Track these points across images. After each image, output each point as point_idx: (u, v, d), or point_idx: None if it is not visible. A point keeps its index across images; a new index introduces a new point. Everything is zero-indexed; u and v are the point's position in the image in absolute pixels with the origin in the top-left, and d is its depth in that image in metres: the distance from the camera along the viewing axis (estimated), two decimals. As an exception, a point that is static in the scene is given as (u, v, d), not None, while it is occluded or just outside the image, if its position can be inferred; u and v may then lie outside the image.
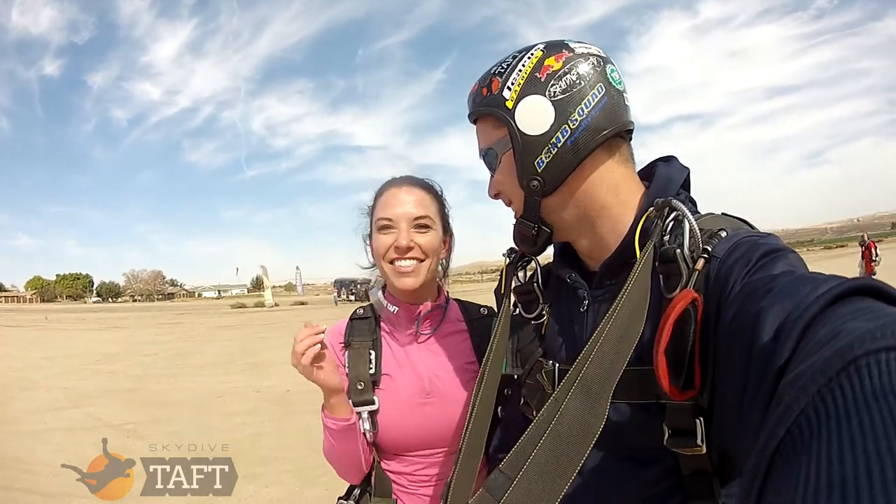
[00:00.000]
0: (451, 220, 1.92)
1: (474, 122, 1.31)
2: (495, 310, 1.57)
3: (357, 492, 1.82)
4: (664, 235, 1.08)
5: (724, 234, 1.02)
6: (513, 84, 1.16)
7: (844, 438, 0.40)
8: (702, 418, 0.95)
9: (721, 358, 0.88)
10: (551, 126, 1.13)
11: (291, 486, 5.83)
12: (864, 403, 0.41)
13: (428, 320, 1.83)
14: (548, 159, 1.14)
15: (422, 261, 1.73)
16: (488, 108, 1.20)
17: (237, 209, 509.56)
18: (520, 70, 1.16)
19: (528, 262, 1.48)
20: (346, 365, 1.76)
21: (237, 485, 5.83)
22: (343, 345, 1.80)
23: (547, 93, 1.13)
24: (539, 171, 1.16)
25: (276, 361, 14.71)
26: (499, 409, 1.52)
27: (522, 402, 1.37)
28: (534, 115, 1.14)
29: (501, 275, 1.51)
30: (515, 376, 1.41)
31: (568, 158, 1.14)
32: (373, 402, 1.71)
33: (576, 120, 1.12)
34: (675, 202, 1.07)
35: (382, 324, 1.87)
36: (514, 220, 1.30)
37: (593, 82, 1.14)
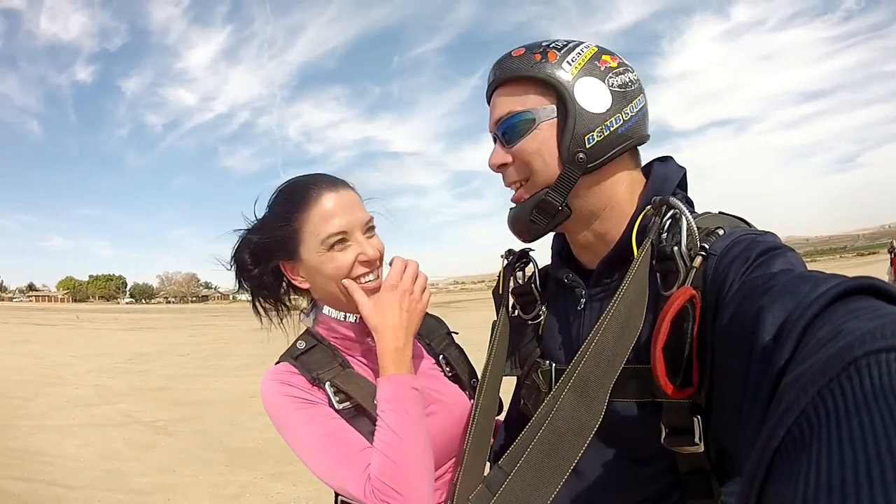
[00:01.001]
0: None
1: (502, 84, 1.23)
2: (494, 311, 1.53)
3: None
4: (662, 233, 1.07)
5: (721, 231, 1.03)
6: (573, 61, 1.15)
7: (845, 439, 0.39)
8: (699, 416, 0.95)
9: (719, 356, 0.88)
10: (607, 110, 1.13)
11: (318, 484, 5.46)
12: (864, 404, 0.40)
13: None
14: (599, 138, 1.13)
15: (379, 268, 1.51)
16: (546, 73, 1.15)
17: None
18: (579, 52, 1.16)
19: (527, 263, 1.48)
20: (334, 402, 1.39)
21: (265, 483, 5.92)
22: (312, 383, 1.42)
23: (606, 81, 1.14)
24: (588, 146, 1.14)
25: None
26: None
27: (522, 402, 1.38)
28: (594, 94, 1.13)
29: (499, 276, 1.51)
30: (515, 377, 1.42)
31: (616, 143, 1.14)
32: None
33: (628, 114, 1.14)
34: (673, 200, 1.07)
35: (336, 346, 1.54)
36: (516, 202, 1.25)
37: (639, 90, 1.18)
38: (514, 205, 1.25)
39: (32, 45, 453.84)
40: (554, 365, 1.25)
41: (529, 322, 1.39)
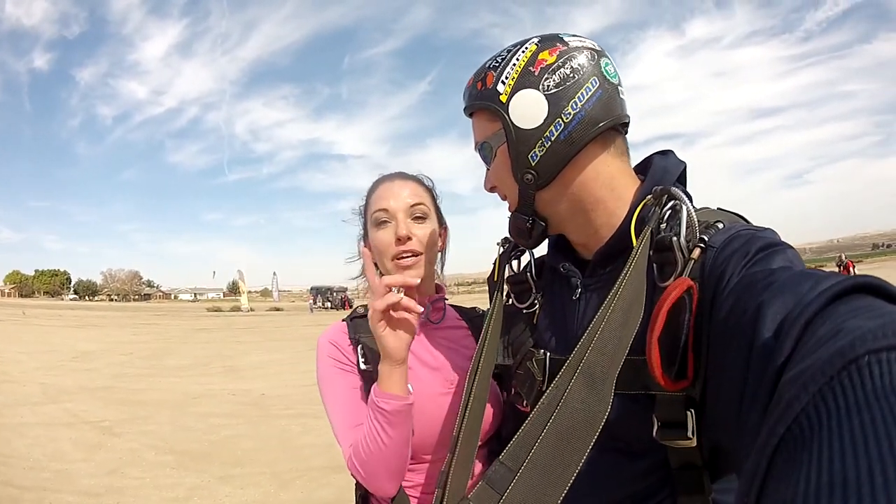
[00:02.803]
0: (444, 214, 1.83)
1: (470, 115, 1.29)
2: (488, 301, 1.53)
3: None
4: (661, 223, 1.07)
5: (720, 225, 1.02)
6: (507, 78, 1.14)
7: (846, 438, 0.40)
8: (693, 410, 0.93)
9: (715, 350, 0.87)
10: (545, 120, 1.12)
11: (267, 487, 5.81)
12: (865, 403, 0.41)
13: (434, 311, 1.74)
14: (541, 153, 1.13)
15: (421, 253, 1.63)
16: (482, 101, 1.19)
17: (217, 212, 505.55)
18: (514, 64, 1.15)
19: (522, 252, 1.46)
20: (360, 362, 1.58)
21: (214, 486, 5.99)
22: (352, 343, 1.63)
23: (541, 86, 1.12)
24: (533, 164, 1.14)
25: (252, 365, 14.78)
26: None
27: (514, 392, 1.34)
28: (527, 109, 1.13)
29: (495, 264, 1.50)
30: (508, 366, 1.38)
31: (562, 152, 1.12)
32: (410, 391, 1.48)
33: (569, 113, 1.11)
34: (674, 190, 1.06)
35: None
36: (508, 215, 1.28)
37: (587, 76, 1.12)
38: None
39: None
40: (548, 354, 1.23)
41: (524, 311, 1.38)
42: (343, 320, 1.70)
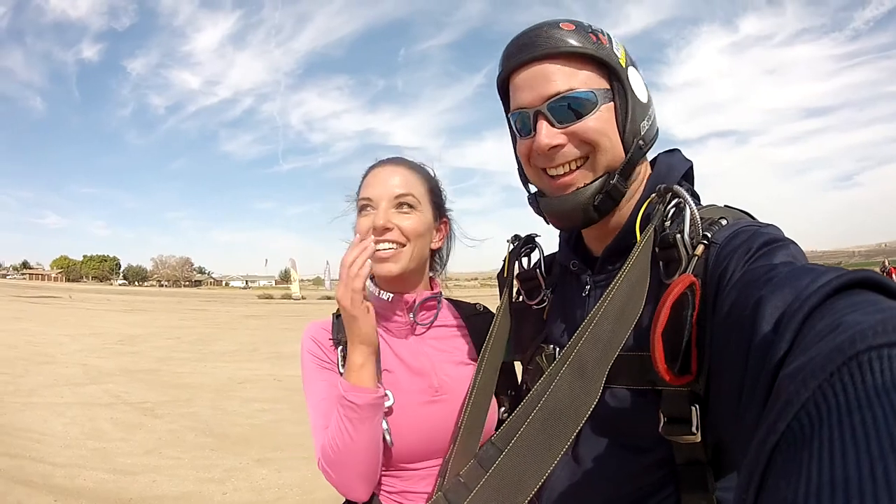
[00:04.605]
0: (447, 205, 1.76)
1: (545, 58, 1.15)
2: (494, 303, 1.57)
3: None
4: (665, 221, 1.08)
5: (724, 221, 1.04)
6: (618, 50, 1.16)
7: (846, 436, 0.39)
8: (697, 406, 0.95)
9: (718, 345, 0.87)
10: (649, 100, 1.19)
11: (305, 471, 5.73)
12: (865, 400, 0.40)
13: (423, 311, 1.66)
14: (648, 125, 1.17)
15: (403, 245, 1.56)
16: (604, 54, 1.14)
17: (270, 201, 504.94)
18: (615, 42, 1.17)
19: (532, 249, 1.50)
20: (340, 364, 1.52)
21: (251, 468, 5.95)
22: (333, 342, 1.57)
23: (640, 73, 1.19)
24: (642, 133, 1.17)
25: (299, 352, 14.60)
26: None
27: (525, 387, 1.41)
28: (639, 84, 1.17)
29: (505, 261, 1.53)
30: (518, 362, 1.45)
31: (655, 133, 1.20)
32: (387, 397, 1.46)
33: (654, 108, 1.21)
34: (677, 188, 1.08)
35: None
36: (564, 187, 1.19)
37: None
38: (559, 193, 1.19)
39: (41, 20, 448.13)
40: (557, 349, 1.25)
41: (534, 307, 1.40)
42: (331, 316, 1.64)
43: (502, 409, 1.52)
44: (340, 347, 1.53)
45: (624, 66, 1.15)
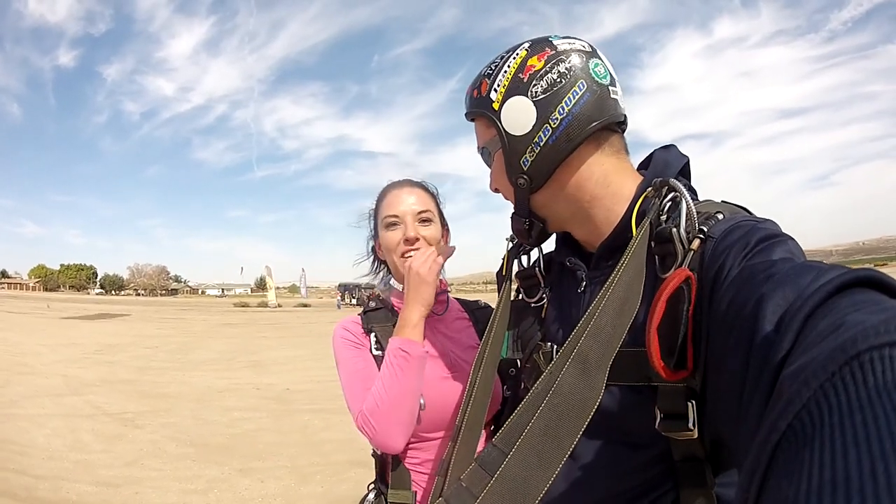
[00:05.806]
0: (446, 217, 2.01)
1: (472, 121, 1.34)
2: (496, 298, 1.58)
3: (372, 497, 1.83)
4: (661, 215, 1.08)
5: (721, 216, 1.03)
6: (498, 86, 1.19)
7: (848, 435, 0.40)
8: (694, 402, 0.94)
9: (715, 341, 0.87)
10: (534, 125, 1.16)
11: (287, 481, 5.77)
12: (867, 400, 0.41)
13: (436, 304, 1.84)
14: (532, 158, 1.17)
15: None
16: (479, 109, 1.23)
17: (244, 209, 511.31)
18: (505, 71, 1.18)
19: (531, 247, 1.50)
20: (373, 347, 1.80)
21: (234, 478, 5.96)
22: (365, 332, 1.84)
23: (529, 93, 1.15)
24: (525, 169, 1.19)
25: (277, 360, 14.92)
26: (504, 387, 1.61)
27: (522, 386, 1.39)
28: (518, 116, 1.17)
29: (503, 259, 1.54)
30: (517, 360, 1.44)
31: (551, 156, 1.16)
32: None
33: (556, 118, 1.14)
34: (673, 182, 1.07)
35: (398, 310, 1.86)
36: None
37: (574, 79, 1.15)
38: None
39: (19, 25, 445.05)
40: (555, 347, 1.26)
41: (532, 305, 1.42)
42: (358, 314, 1.91)
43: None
44: (373, 334, 1.81)
45: (499, 107, 1.19)
